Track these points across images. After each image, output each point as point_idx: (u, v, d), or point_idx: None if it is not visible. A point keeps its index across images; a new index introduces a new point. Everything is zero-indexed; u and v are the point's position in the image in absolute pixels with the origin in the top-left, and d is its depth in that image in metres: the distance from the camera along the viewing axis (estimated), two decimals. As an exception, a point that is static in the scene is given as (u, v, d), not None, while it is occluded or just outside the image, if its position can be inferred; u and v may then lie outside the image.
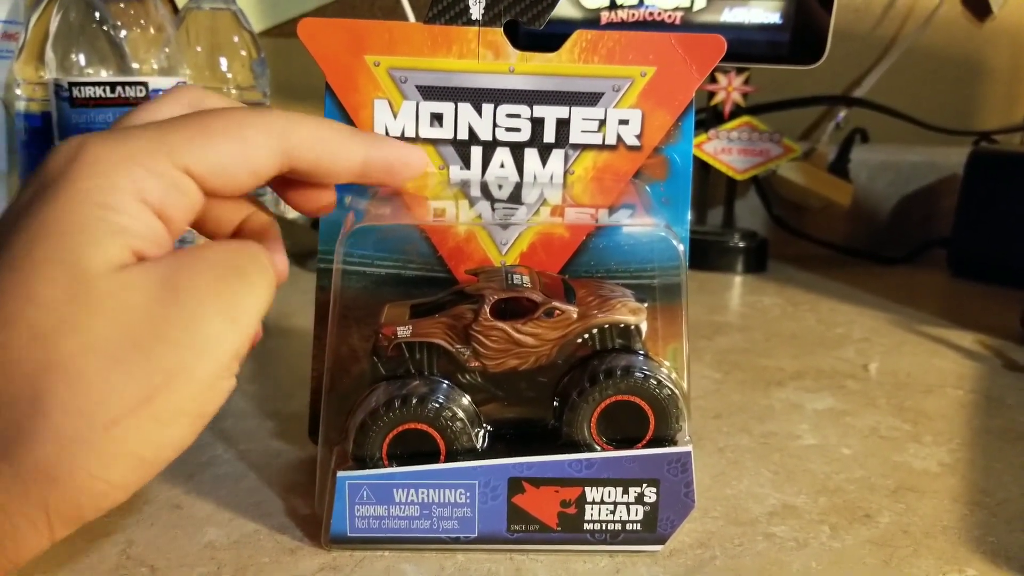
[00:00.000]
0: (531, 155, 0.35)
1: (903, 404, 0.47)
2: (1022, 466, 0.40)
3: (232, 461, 0.38)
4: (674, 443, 0.31)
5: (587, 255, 0.33)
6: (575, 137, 0.34)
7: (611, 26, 0.67)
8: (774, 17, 0.67)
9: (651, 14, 0.67)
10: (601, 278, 0.33)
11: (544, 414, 0.32)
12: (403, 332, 0.31)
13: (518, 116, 0.34)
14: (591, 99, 0.34)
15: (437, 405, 0.30)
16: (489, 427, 0.32)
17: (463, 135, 0.34)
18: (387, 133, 0.34)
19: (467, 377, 0.31)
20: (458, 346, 0.31)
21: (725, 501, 0.35)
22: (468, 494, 0.31)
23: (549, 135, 0.34)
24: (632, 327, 0.32)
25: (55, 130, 0.52)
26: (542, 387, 0.32)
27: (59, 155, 0.24)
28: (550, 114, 0.34)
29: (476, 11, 0.33)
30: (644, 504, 0.31)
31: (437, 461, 0.31)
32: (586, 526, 0.31)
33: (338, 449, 0.31)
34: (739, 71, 0.77)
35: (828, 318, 0.65)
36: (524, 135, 0.34)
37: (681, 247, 0.32)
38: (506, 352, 0.31)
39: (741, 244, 0.79)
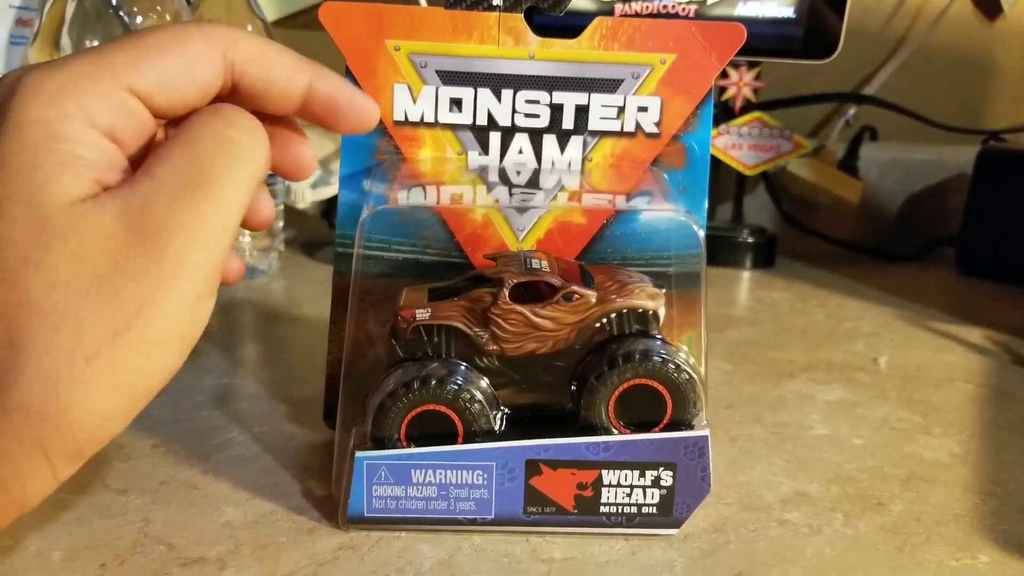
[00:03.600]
0: (550, 141, 0.35)
1: (913, 397, 0.47)
2: (1033, 458, 0.40)
3: (247, 443, 0.38)
4: (691, 427, 0.31)
5: (604, 242, 0.33)
6: (594, 124, 0.34)
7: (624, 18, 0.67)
8: (788, 11, 0.67)
9: (665, 7, 0.67)
10: (618, 265, 0.33)
11: (561, 398, 0.32)
12: (422, 315, 0.31)
13: (537, 102, 0.34)
14: (610, 86, 0.34)
15: (456, 387, 0.30)
16: (507, 410, 0.32)
17: (482, 120, 0.34)
18: (406, 118, 0.34)
19: (485, 360, 0.31)
20: (476, 329, 0.31)
21: (739, 488, 0.36)
22: (485, 476, 0.31)
23: (568, 121, 0.34)
24: (650, 312, 0.32)
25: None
26: (560, 371, 0.32)
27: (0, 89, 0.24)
28: (569, 100, 0.34)
29: None
30: (660, 488, 0.31)
31: (455, 442, 0.31)
32: (602, 509, 0.31)
33: (356, 430, 0.32)
34: (750, 66, 0.77)
35: (837, 313, 0.65)
36: (543, 121, 0.34)
37: (702, 233, 0.32)
38: (524, 336, 0.31)
39: (750, 239, 0.79)
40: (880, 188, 0.91)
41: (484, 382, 0.32)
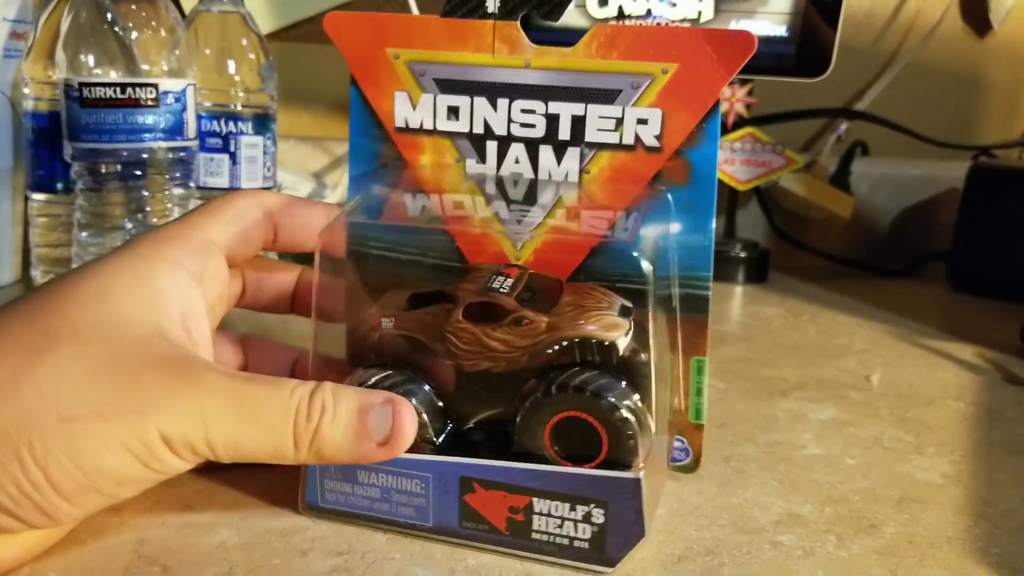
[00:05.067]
0: (546, 152, 0.34)
1: (905, 415, 0.47)
2: (1024, 479, 0.40)
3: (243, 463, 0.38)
4: (627, 467, 0.30)
5: (600, 257, 0.33)
6: (591, 135, 0.34)
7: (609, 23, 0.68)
8: (780, 30, 0.68)
9: (659, 24, 0.68)
10: (607, 285, 0.32)
11: (507, 417, 0.32)
12: (387, 324, 0.32)
13: (533, 112, 0.34)
14: (608, 96, 0.33)
15: (400, 395, 0.30)
16: (460, 423, 0.33)
17: (479, 129, 0.34)
18: (407, 125, 0.35)
19: (444, 372, 0.32)
20: (435, 343, 0.32)
21: (732, 509, 0.36)
22: (423, 485, 0.31)
23: (564, 132, 0.34)
24: (606, 343, 0.31)
25: (64, 129, 0.52)
26: (509, 391, 0.32)
27: None
28: (565, 111, 0.34)
29: (492, 5, 0.33)
30: (592, 524, 0.30)
31: None
32: (534, 535, 0.31)
33: None
34: (742, 82, 0.77)
35: (829, 329, 0.65)
36: (539, 131, 0.34)
37: (646, 265, 0.31)
38: (478, 354, 0.31)
39: (742, 254, 0.80)
40: (871, 203, 0.91)
41: (432, 395, 0.32)
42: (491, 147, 0.34)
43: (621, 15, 0.67)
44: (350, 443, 0.29)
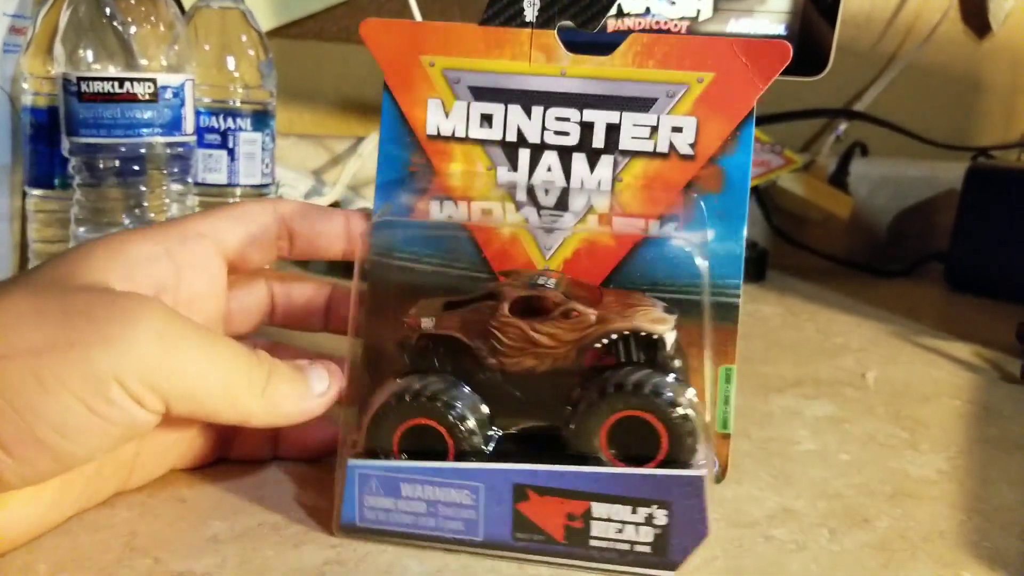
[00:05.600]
0: (579, 160, 0.34)
1: (900, 412, 0.47)
2: (1018, 475, 0.40)
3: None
4: (687, 465, 0.30)
5: (632, 266, 0.32)
6: (625, 143, 0.34)
7: (617, 34, 0.68)
8: (779, 29, 0.67)
9: (657, 23, 0.68)
10: (644, 291, 0.32)
11: (554, 418, 0.31)
12: (427, 324, 0.31)
13: (567, 120, 0.34)
14: (643, 105, 0.33)
15: (447, 403, 0.30)
16: (501, 430, 0.31)
17: (511, 137, 0.34)
18: (438, 132, 0.35)
19: (485, 375, 0.31)
20: (476, 342, 0.31)
21: (725, 504, 0.36)
22: (473, 496, 0.30)
23: (598, 140, 0.34)
24: (655, 338, 0.30)
25: (62, 124, 0.52)
26: (558, 391, 0.31)
27: None
28: (600, 119, 0.34)
29: (530, 13, 0.33)
30: (654, 526, 0.29)
31: (446, 459, 0.31)
32: (592, 542, 0.30)
33: (350, 438, 0.32)
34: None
35: (827, 328, 0.65)
36: (573, 139, 0.34)
37: (703, 263, 0.30)
38: (522, 351, 0.31)
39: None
40: (870, 204, 0.91)
41: (479, 401, 0.31)
42: (523, 155, 0.34)
43: (620, 13, 0.67)
44: (299, 390, 0.31)
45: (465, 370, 0.31)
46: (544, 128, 0.34)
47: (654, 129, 0.33)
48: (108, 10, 0.52)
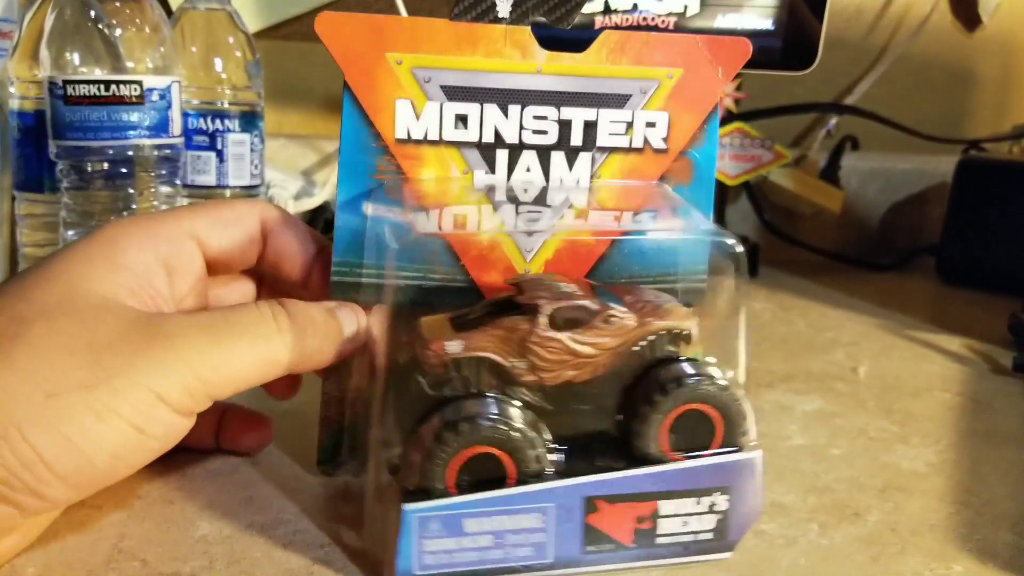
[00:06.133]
0: (558, 158, 0.34)
1: (891, 406, 0.47)
2: (1008, 467, 0.40)
3: (224, 457, 0.38)
4: (741, 448, 0.30)
5: (611, 261, 0.33)
6: (602, 140, 0.34)
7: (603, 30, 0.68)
8: (767, 23, 0.68)
9: (645, 19, 0.68)
10: (626, 283, 0.32)
11: (603, 427, 0.30)
12: (454, 348, 0.29)
13: (545, 118, 0.33)
14: (619, 101, 0.33)
15: (510, 425, 0.28)
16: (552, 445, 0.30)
17: (488, 138, 0.33)
18: (408, 136, 0.32)
19: (521, 393, 0.29)
20: (513, 360, 0.29)
21: (715, 499, 0.36)
22: (544, 517, 0.29)
23: (576, 138, 0.33)
24: (684, 333, 0.30)
25: (49, 128, 0.52)
26: (599, 398, 0.30)
27: None
28: (577, 116, 0.33)
29: (503, 9, 0.32)
30: (715, 512, 0.30)
31: (505, 485, 0.29)
32: (659, 540, 0.30)
33: (386, 479, 0.30)
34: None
35: (818, 322, 0.65)
36: (551, 138, 0.33)
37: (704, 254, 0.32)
38: (563, 364, 0.29)
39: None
40: (861, 197, 0.91)
41: (533, 418, 0.29)
42: (501, 156, 0.33)
43: (607, 9, 0.67)
44: (330, 325, 0.30)
45: (502, 391, 0.29)
46: (522, 127, 0.33)
47: (629, 125, 0.33)
48: (93, 13, 0.52)
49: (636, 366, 0.30)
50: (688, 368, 0.30)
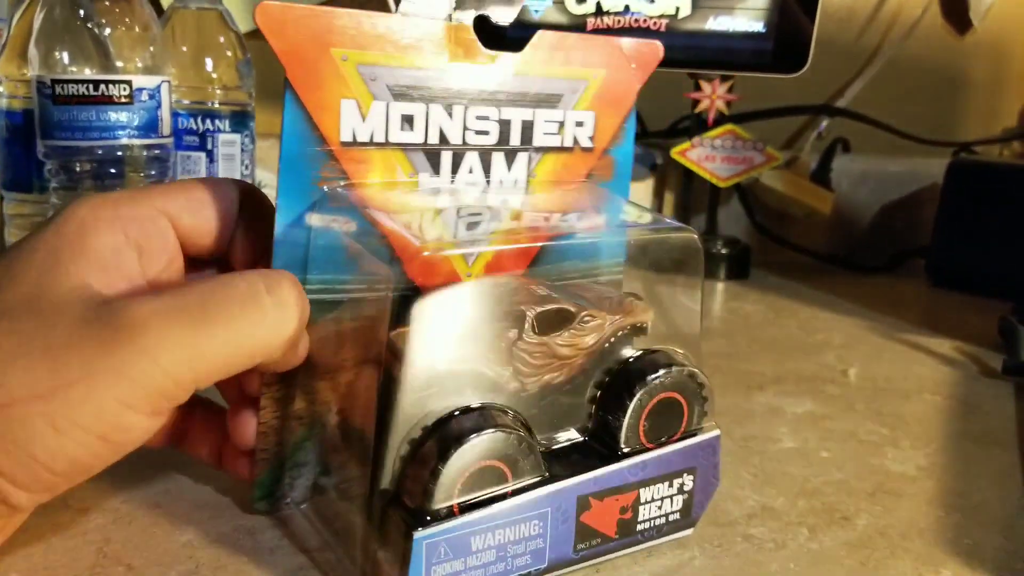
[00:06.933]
0: (498, 159, 0.33)
1: (881, 409, 0.47)
2: (998, 470, 0.40)
3: (212, 460, 0.37)
4: (701, 430, 0.32)
5: (544, 260, 0.32)
6: (538, 140, 0.33)
7: (596, 32, 0.68)
8: (758, 26, 0.68)
9: (636, 21, 0.68)
10: (566, 282, 0.33)
11: (577, 425, 0.31)
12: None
13: (487, 118, 0.32)
14: (553, 100, 0.33)
15: (507, 435, 0.28)
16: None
17: (434, 139, 0.31)
18: (354, 138, 0.30)
19: (507, 400, 0.29)
20: (497, 368, 0.29)
21: (705, 503, 0.36)
22: (541, 523, 0.29)
23: (515, 138, 0.33)
24: (644, 326, 0.31)
25: (37, 127, 0.51)
26: (574, 397, 0.31)
27: None
28: (516, 116, 0.33)
29: (446, 5, 0.31)
30: (683, 493, 0.32)
31: (504, 496, 0.28)
32: (639, 527, 0.31)
33: (378, 506, 0.28)
34: (723, 79, 0.77)
35: (809, 325, 0.65)
36: (492, 138, 0.33)
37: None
38: (544, 368, 0.29)
39: (724, 251, 0.80)
40: (852, 200, 0.91)
41: (525, 424, 0.29)
42: (446, 158, 0.32)
43: (599, 11, 0.67)
44: (302, 310, 0.28)
45: (487, 400, 0.29)
46: (466, 128, 0.32)
47: (561, 124, 0.34)
48: (83, 11, 0.52)
49: (607, 362, 0.31)
50: (659, 359, 0.31)
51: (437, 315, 0.28)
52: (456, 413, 0.28)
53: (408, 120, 0.31)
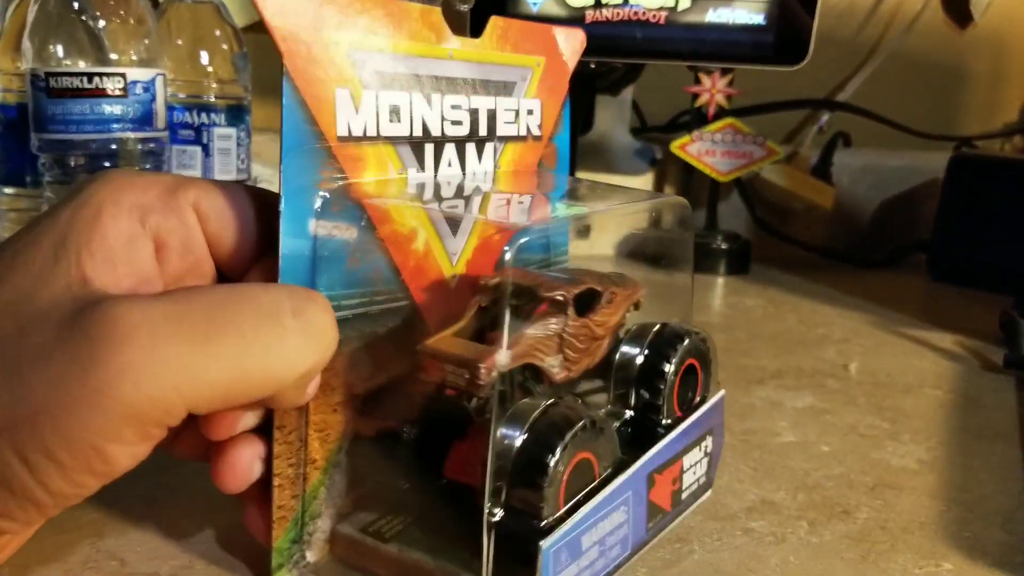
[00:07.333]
0: (471, 150, 0.31)
1: (882, 403, 0.47)
2: (999, 464, 0.40)
3: (207, 455, 0.37)
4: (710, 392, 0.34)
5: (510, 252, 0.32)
6: (500, 129, 0.32)
7: (595, 25, 0.67)
8: (758, 18, 0.67)
9: (635, 13, 0.67)
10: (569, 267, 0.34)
11: (608, 403, 0.32)
12: (503, 360, 0.25)
13: (459, 108, 0.30)
14: (508, 89, 0.32)
15: (594, 426, 0.27)
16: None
17: (418, 131, 0.29)
18: (349, 132, 0.27)
19: (541, 391, 0.28)
20: (549, 359, 0.27)
21: (704, 497, 0.35)
22: (626, 509, 0.28)
23: (483, 128, 0.31)
24: (639, 301, 0.32)
25: (31, 121, 0.51)
26: (604, 378, 0.31)
27: None
28: (482, 105, 0.31)
29: None
30: (708, 455, 0.33)
31: (592, 489, 0.27)
32: (683, 496, 0.32)
33: (490, 525, 0.25)
34: (723, 72, 0.77)
35: (809, 319, 0.65)
36: (464, 129, 0.31)
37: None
38: (584, 352, 0.29)
39: (724, 246, 0.79)
40: (853, 194, 0.91)
41: (595, 411, 0.28)
42: (428, 151, 0.29)
43: (598, 4, 0.67)
44: (329, 342, 0.24)
45: (520, 395, 0.27)
46: (443, 119, 0.30)
47: (517, 113, 0.33)
48: (77, 4, 0.51)
49: (619, 339, 0.32)
50: (677, 330, 0.32)
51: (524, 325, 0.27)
52: (538, 415, 0.26)
53: (395, 111, 0.28)
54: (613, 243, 0.67)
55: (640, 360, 0.31)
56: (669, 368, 0.31)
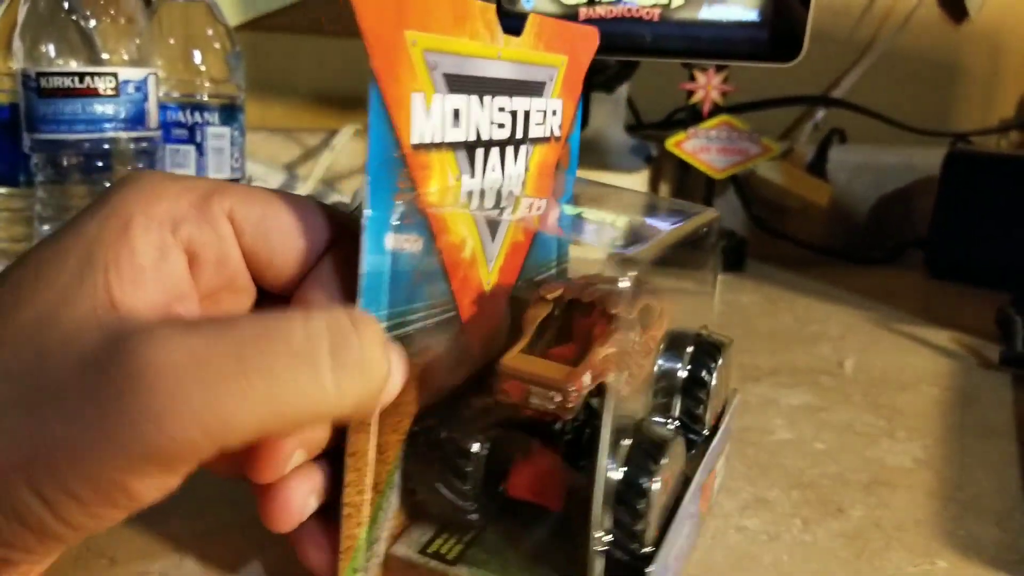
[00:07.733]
0: (509, 153, 0.30)
1: (878, 400, 0.47)
2: (995, 462, 0.40)
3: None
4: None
5: (529, 256, 0.32)
6: (532, 131, 0.31)
7: (589, 22, 0.67)
8: (752, 14, 0.67)
9: (629, 10, 0.67)
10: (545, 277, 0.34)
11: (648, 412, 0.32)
12: (587, 380, 0.24)
13: (503, 110, 0.29)
14: (539, 89, 0.31)
15: (675, 442, 0.26)
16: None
17: (472, 136, 0.28)
18: (421, 139, 0.25)
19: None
20: (613, 376, 0.26)
21: (698, 495, 0.35)
22: (691, 523, 0.28)
23: (519, 130, 0.31)
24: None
25: (23, 121, 0.51)
26: (650, 388, 0.31)
27: None
28: (520, 107, 0.30)
29: None
30: (727, 456, 0.34)
31: (672, 506, 0.27)
32: (712, 501, 0.32)
33: (594, 552, 0.25)
34: (718, 69, 0.77)
35: (805, 316, 0.65)
36: (506, 131, 0.29)
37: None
38: (643, 367, 0.28)
39: (720, 243, 0.79)
40: (849, 191, 0.91)
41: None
42: (479, 156, 0.28)
43: (592, 2, 0.66)
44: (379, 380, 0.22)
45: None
46: (491, 122, 0.28)
47: (545, 114, 0.32)
48: (68, 3, 0.51)
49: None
50: (713, 339, 0.33)
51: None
52: (636, 432, 0.26)
53: (456, 115, 0.27)
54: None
55: (683, 371, 0.32)
56: (711, 378, 0.31)
